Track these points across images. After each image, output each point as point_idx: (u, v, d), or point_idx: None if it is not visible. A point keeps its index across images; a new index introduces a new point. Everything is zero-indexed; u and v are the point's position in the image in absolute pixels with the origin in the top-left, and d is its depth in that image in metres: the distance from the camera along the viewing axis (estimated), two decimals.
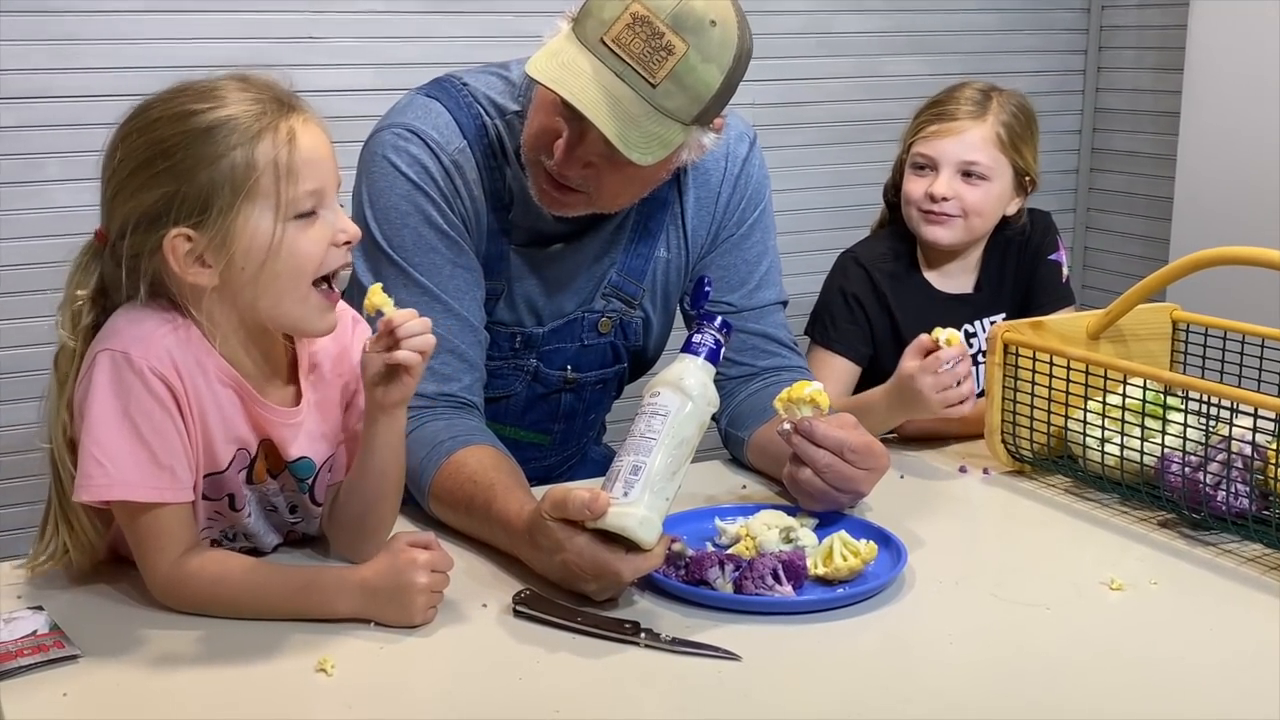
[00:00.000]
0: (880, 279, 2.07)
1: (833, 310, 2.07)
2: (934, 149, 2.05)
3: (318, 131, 1.32)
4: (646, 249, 1.77)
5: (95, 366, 1.28)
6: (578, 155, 1.54)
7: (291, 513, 1.45)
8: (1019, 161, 2.06)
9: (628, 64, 1.46)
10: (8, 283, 2.41)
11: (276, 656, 1.24)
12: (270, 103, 1.29)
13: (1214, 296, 2.19)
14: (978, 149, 2.03)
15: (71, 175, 2.41)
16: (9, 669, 1.19)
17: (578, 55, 1.48)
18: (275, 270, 1.28)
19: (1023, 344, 1.72)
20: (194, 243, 1.27)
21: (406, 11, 2.65)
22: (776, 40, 2.99)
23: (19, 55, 2.36)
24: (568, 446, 1.90)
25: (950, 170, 2.03)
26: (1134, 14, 3.38)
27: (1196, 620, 1.36)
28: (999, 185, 2.05)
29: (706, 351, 1.37)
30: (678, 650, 1.26)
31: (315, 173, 1.29)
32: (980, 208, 2.04)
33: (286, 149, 1.27)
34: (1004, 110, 2.05)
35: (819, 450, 1.50)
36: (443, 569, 1.32)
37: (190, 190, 1.26)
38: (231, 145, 1.26)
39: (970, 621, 1.35)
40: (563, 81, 1.47)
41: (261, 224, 1.27)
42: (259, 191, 1.26)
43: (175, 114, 1.28)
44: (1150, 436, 1.59)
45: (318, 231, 1.30)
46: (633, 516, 1.29)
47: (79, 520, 1.35)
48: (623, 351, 1.83)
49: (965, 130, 2.03)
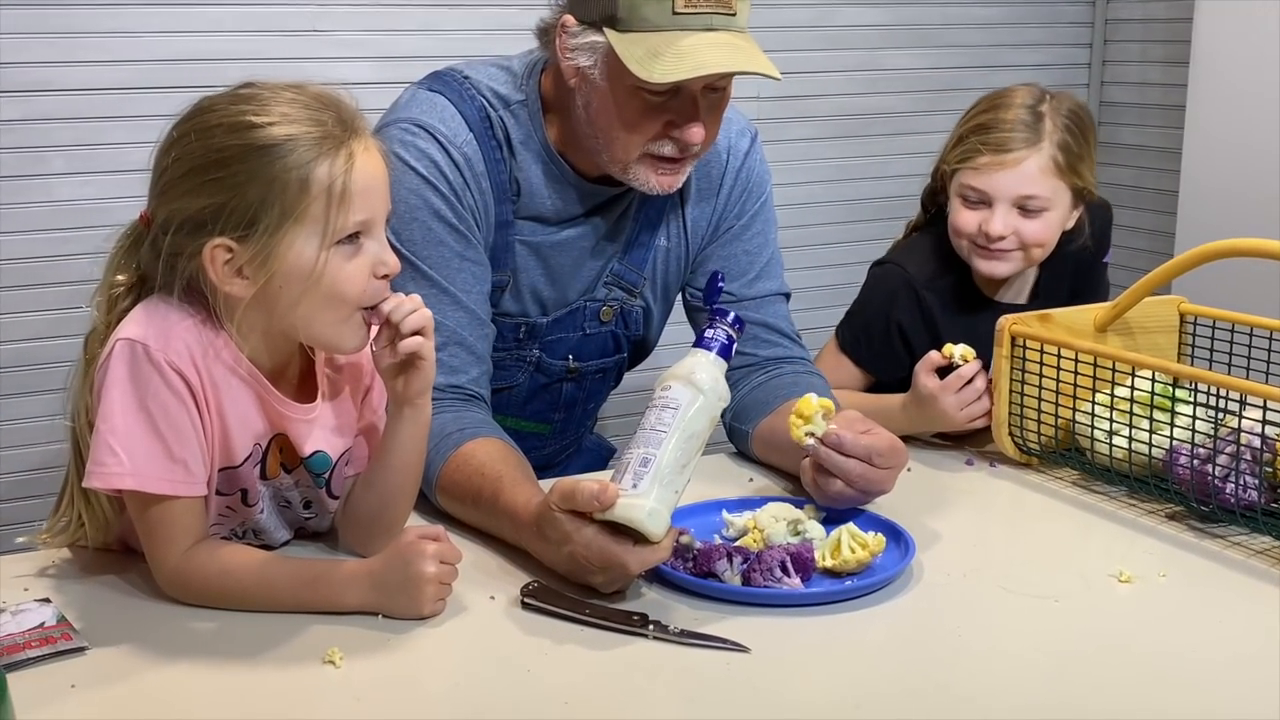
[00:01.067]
0: (932, 302, 1.91)
1: (872, 331, 1.94)
2: (986, 184, 1.85)
3: (377, 159, 1.31)
4: (648, 238, 1.77)
5: (114, 355, 1.28)
6: (699, 124, 1.58)
7: (306, 508, 1.44)
8: (1077, 183, 1.88)
9: (710, 14, 1.51)
10: (11, 276, 2.40)
11: (284, 649, 1.24)
12: (333, 125, 1.28)
13: (1221, 289, 2.18)
14: (1035, 181, 1.84)
15: (75, 169, 2.41)
16: (17, 660, 1.19)
17: (667, 38, 1.50)
18: (313, 294, 1.28)
19: (1030, 336, 1.72)
20: (234, 255, 1.26)
21: (410, 5, 2.65)
22: (779, 34, 2.99)
23: (22, 48, 2.35)
24: (566, 436, 1.91)
25: (1005, 205, 1.85)
26: (1139, 8, 3.38)
27: (1205, 612, 1.36)
28: (1058, 213, 1.87)
29: (719, 346, 1.37)
30: (686, 642, 1.26)
31: (367, 203, 1.28)
32: (1040, 239, 1.87)
33: (343, 177, 1.26)
34: (1058, 129, 1.85)
35: (850, 461, 1.49)
36: (451, 560, 1.31)
37: (239, 204, 1.25)
38: (288, 167, 1.25)
39: (978, 614, 1.35)
40: (698, 66, 1.50)
41: (307, 249, 1.26)
42: (308, 216, 1.26)
43: (235, 124, 1.26)
44: (1158, 429, 1.59)
45: (361, 261, 1.29)
46: (641, 508, 1.29)
47: (97, 497, 1.35)
48: (623, 341, 1.83)
49: (1021, 162, 1.83)
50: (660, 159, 1.61)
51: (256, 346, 1.33)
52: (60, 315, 2.37)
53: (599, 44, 1.55)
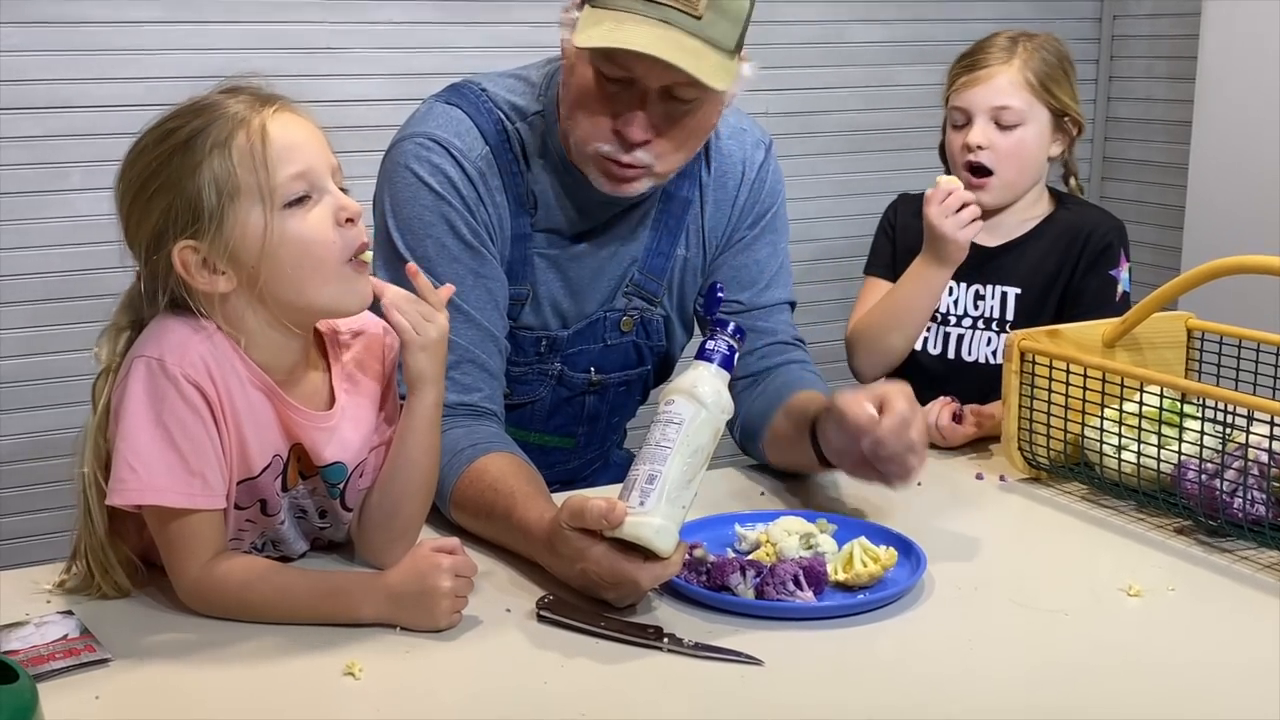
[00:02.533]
0: (905, 211, 2.12)
1: (875, 242, 2.16)
2: (965, 100, 2.05)
3: (291, 118, 1.33)
4: (668, 246, 1.78)
5: (131, 373, 1.30)
6: (643, 120, 1.56)
7: (321, 518, 1.46)
8: (1053, 102, 2.04)
9: (667, 6, 1.49)
10: (31, 290, 2.43)
11: (305, 660, 1.26)
12: (245, 103, 1.31)
13: (1228, 305, 2.19)
14: (1006, 93, 2.02)
15: (94, 184, 2.43)
16: (42, 672, 1.21)
17: (619, 18, 1.50)
18: (284, 260, 1.30)
19: (1039, 352, 1.73)
20: (199, 252, 1.29)
21: (424, 22, 2.67)
22: (789, 50, 3.01)
23: (44, 66, 2.38)
24: (591, 449, 1.91)
25: (983, 119, 2.03)
26: (1146, 24, 3.40)
27: (1214, 626, 1.37)
28: (1034, 128, 2.03)
29: (720, 358, 1.37)
30: (700, 655, 1.27)
31: (294, 158, 1.30)
32: (1015, 151, 2.02)
33: (260, 141, 1.29)
34: (1033, 55, 2.04)
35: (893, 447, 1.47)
36: (466, 574, 1.33)
37: (181, 202, 1.29)
38: (208, 150, 1.28)
39: (989, 627, 1.36)
40: (623, 40, 1.49)
41: (251, 219, 1.29)
42: (240, 189, 1.29)
43: (159, 135, 1.31)
44: (1167, 444, 1.60)
45: (317, 214, 1.31)
46: (649, 526, 1.30)
47: (109, 559, 1.36)
48: (645, 352, 1.84)
49: (993, 76, 2.03)
50: (608, 159, 1.60)
51: (264, 350, 1.34)
52: (80, 329, 2.39)
53: (576, 19, 1.57)
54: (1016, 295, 2.05)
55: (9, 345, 2.43)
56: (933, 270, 1.93)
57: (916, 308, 1.97)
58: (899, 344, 1.99)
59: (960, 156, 2.05)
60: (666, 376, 1.93)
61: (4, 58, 2.35)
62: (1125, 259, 2.07)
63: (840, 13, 3.11)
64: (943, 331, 2.07)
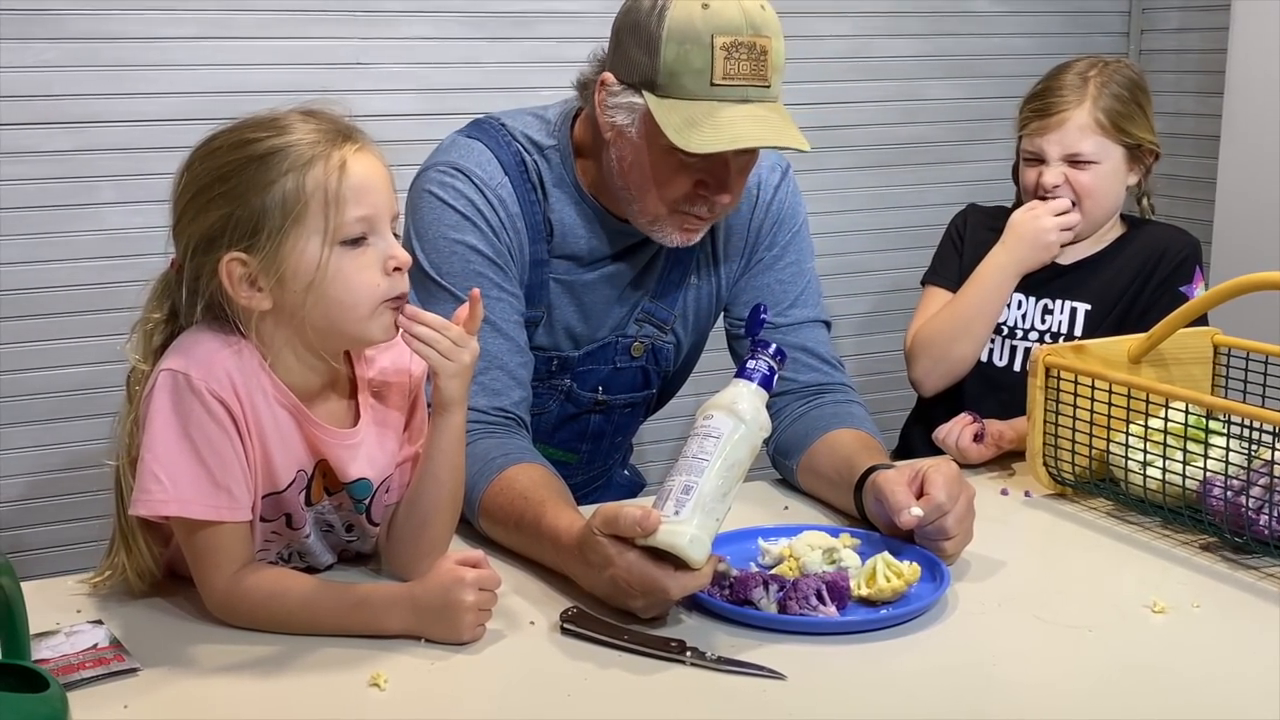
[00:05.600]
0: (974, 224, 2.14)
1: (941, 247, 2.16)
2: (1037, 144, 2.05)
3: (371, 160, 1.35)
4: (679, 276, 1.82)
5: (157, 385, 1.32)
6: (733, 186, 1.65)
7: (348, 531, 1.47)
8: (1126, 139, 2.04)
9: (746, 86, 1.56)
10: (64, 303, 2.45)
11: (331, 671, 1.27)
12: (328, 132, 1.33)
13: (1256, 320, 2.18)
14: (1077, 138, 2.02)
15: (124, 198, 2.46)
16: (72, 681, 1.22)
17: (706, 109, 1.55)
18: (324, 294, 1.32)
19: (1064, 367, 1.73)
20: (247, 266, 1.30)
21: (452, 38, 2.68)
22: (815, 65, 3.01)
23: (75, 81, 2.40)
24: (593, 467, 1.94)
25: (1057, 161, 2.03)
26: (1173, 38, 3.38)
27: (1239, 643, 1.36)
28: (1109, 165, 2.04)
29: (760, 377, 1.39)
30: (723, 669, 1.27)
31: (364, 200, 1.32)
32: (1091, 189, 2.03)
33: (337, 176, 1.31)
34: (1103, 92, 2.03)
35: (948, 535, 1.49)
36: (490, 587, 1.34)
37: (244, 214, 1.30)
38: (284, 171, 1.30)
39: (1013, 643, 1.36)
40: (733, 139, 1.55)
41: (309, 248, 1.30)
42: (307, 217, 1.30)
43: (235, 141, 1.33)
44: (1192, 460, 1.60)
45: (368, 258, 1.33)
46: (683, 535, 1.31)
47: (137, 545, 1.39)
48: (653, 376, 1.88)
49: (1064, 122, 2.02)
50: (689, 215, 1.67)
51: (291, 368, 1.36)
52: (110, 342, 2.41)
53: (637, 105, 1.61)
54: (1087, 311, 2.05)
55: (39, 358, 2.46)
56: (1006, 274, 1.98)
57: (987, 315, 2.00)
58: (967, 351, 2.01)
59: (1035, 193, 2.06)
60: (671, 398, 1.98)
61: (36, 73, 2.37)
62: (1200, 276, 2.07)
63: (868, 28, 3.11)
64: (1009, 345, 2.07)
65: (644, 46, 1.58)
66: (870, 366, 2.99)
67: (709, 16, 1.54)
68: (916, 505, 1.47)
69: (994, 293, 2.00)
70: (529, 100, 1.90)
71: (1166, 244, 2.07)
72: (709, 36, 1.54)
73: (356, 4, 2.59)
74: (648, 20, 1.58)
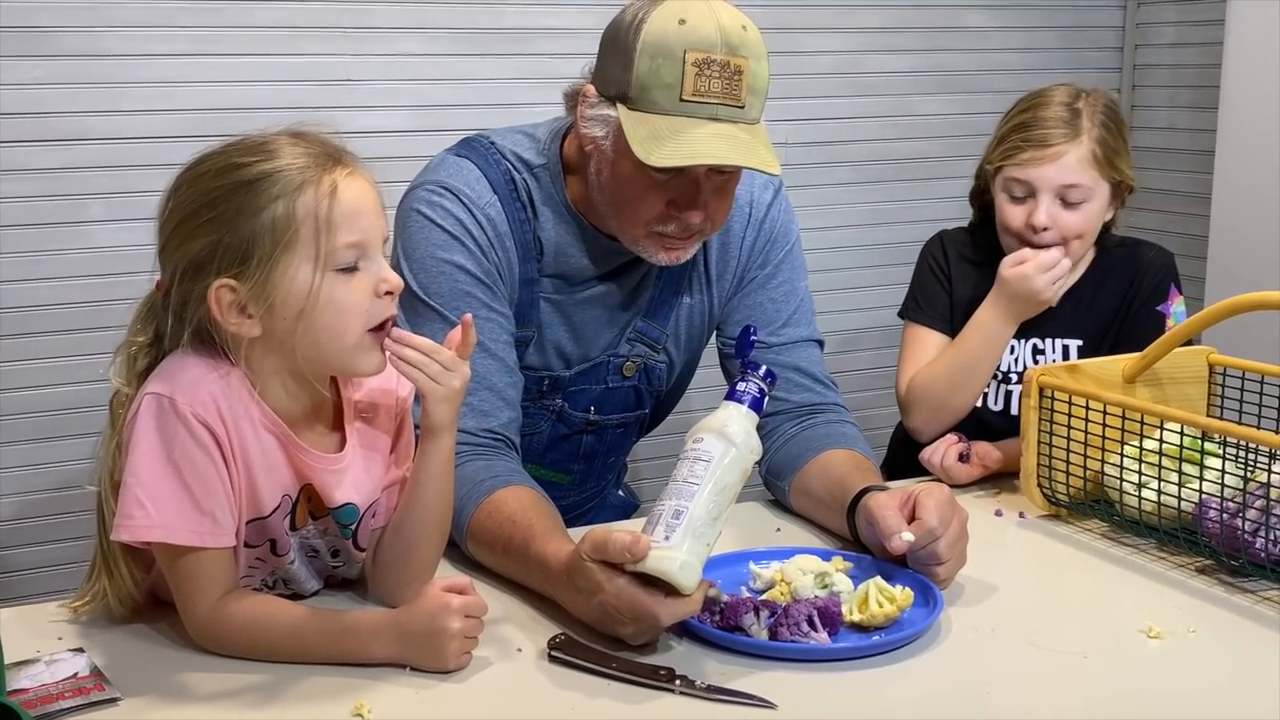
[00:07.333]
0: (954, 256, 2.07)
1: (921, 281, 2.09)
2: (1030, 176, 1.95)
3: (362, 185, 1.33)
4: (671, 295, 1.80)
5: (141, 409, 1.30)
6: (707, 204, 1.62)
7: (333, 556, 1.46)
8: (1114, 175, 1.98)
9: (716, 105, 1.54)
10: (53, 321, 2.44)
11: (314, 701, 1.25)
12: (318, 157, 1.31)
13: (1251, 340, 2.17)
14: (1076, 172, 1.94)
15: (114, 216, 2.44)
16: (51, 711, 1.20)
17: (673, 125, 1.54)
18: (315, 320, 1.30)
19: (1059, 388, 1.72)
20: (237, 293, 1.29)
21: (443, 55, 2.68)
22: (809, 80, 3.01)
23: (64, 98, 2.39)
24: (586, 488, 1.93)
25: (1049, 197, 1.94)
26: (1168, 53, 3.38)
27: (1236, 668, 1.35)
28: (1098, 204, 1.97)
29: (750, 399, 1.38)
30: (713, 698, 1.26)
31: (356, 225, 1.31)
32: (1080, 230, 1.96)
33: (327, 202, 1.29)
34: (1095, 124, 1.96)
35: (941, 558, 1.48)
36: (476, 614, 1.32)
37: (233, 240, 1.28)
38: (273, 197, 1.28)
39: (1007, 669, 1.34)
40: (695, 155, 1.53)
41: (300, 274, 1.29)
42: (298, 243, 1.28)
43: (223, 166, 1.31)
44: (1188, 482, 1.58)
45: (359, 283, 1.31)
46: (674, 560, 1.30)
47: (119, 569, 1.37)
48: (645, 396, 1.86)
49: (1062, 155, 1.94)
50: (664, 236, 1.65)
51: (278, 394, 1.35)
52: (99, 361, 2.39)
53: (611, 118, 1.60)
54: (1079, 347, 2.01)
55: (28, 376, 2.44)
56: (1005, 325, 1.94)
57: (985, 366, 1.96)
58: (966, 401, 1.97)
59: (1023, 233, 1.96)
60: (663, 418, 1.96)
61: (26, 90, 2.36)
62: (1177, 292, 2.04)
63: (861, 43, 3.10)
64: (1003, 389, 2.02)
65: (620, 59, 1.57)
66: (861, 384, 2.98)
67: (684, 32, 1.53)
68: (908, 530, 1.46)
69: (993, 343, 1.95)
70: (520, 117, 1.89)
71: (1141, 263, 2.03)
72: (681, 51, 1.53)
73: (347, 21, 2.58)
74: (626, 33, 1.57)
